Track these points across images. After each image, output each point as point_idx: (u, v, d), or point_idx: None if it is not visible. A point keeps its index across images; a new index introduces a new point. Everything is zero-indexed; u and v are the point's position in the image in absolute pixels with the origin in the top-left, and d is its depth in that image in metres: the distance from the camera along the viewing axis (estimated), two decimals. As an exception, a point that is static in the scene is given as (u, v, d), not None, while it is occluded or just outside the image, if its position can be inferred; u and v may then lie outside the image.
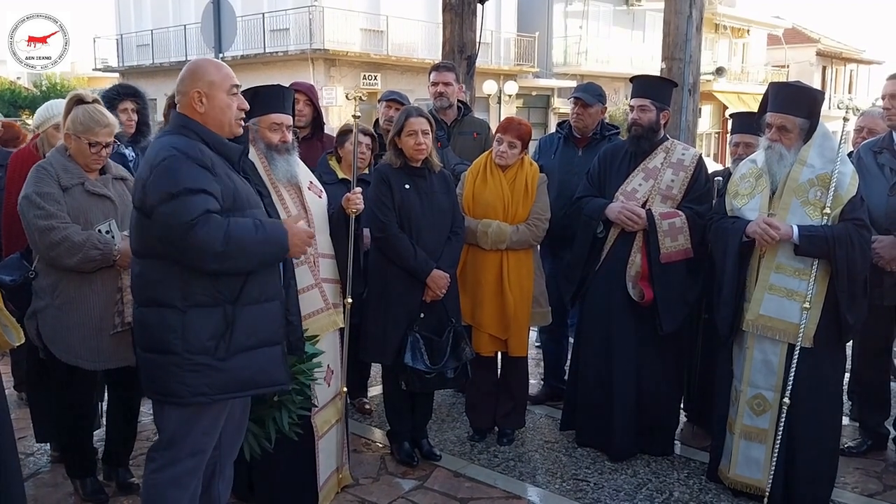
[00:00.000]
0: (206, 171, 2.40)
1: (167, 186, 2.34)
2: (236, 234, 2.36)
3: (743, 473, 3.49)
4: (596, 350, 4.01)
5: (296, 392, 2.96)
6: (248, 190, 2.59)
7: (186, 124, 2.51)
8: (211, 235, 2.32)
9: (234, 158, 2.58)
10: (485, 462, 3.97)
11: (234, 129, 2.59)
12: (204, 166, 2.41)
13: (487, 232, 3.91)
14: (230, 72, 2.60)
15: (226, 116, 2.55)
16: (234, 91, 2.57)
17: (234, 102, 2.57)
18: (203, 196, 2.36)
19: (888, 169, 3.83)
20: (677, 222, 3.81)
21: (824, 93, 3.85)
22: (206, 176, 2.39)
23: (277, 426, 2.94)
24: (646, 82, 4.09)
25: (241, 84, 2.68)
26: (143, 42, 24.92)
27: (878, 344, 4.05)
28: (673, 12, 8.14)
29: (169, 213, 2.33)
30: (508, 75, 24.08)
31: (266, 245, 2.46)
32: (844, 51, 38.20)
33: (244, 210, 2.49)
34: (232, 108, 2.56)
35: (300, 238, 2.60)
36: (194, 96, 2.51)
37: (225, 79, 2.55)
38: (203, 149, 2.46)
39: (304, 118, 4.51)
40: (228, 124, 2.56)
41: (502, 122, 4.07)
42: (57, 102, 3.80)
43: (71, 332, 3.10)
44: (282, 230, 2.53)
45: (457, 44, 7.85)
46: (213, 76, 2.53)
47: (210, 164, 2.43)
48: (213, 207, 2.37)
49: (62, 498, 3.49)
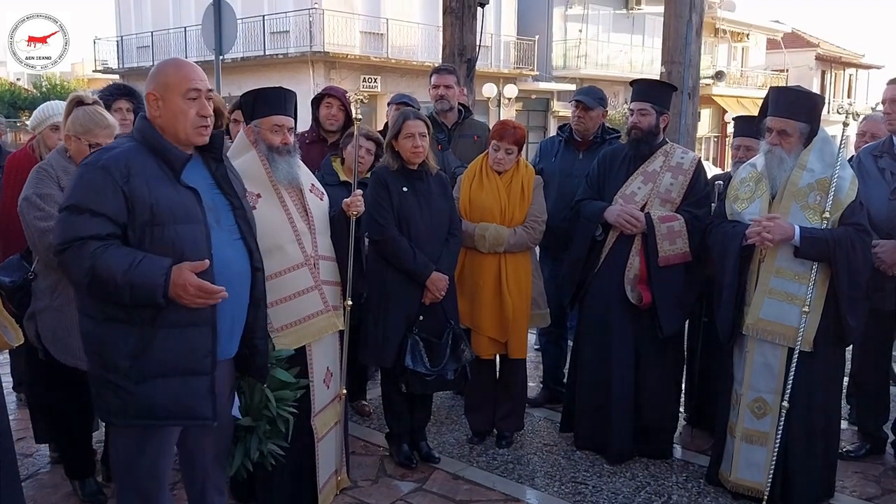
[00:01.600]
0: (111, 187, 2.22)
1: (64, 197, 2.31)
2: (100, 271, 2.16)
3: (744, 477, 3.49)
4: (594, 353, 4.01)
5: (266, 420, 2.90)
6: (182, 203, 2.31)
7: (141, 128, 2.37)
8: (75, 265, 2.19)
9: (176, 166, 2.33)
10: (483, 465, 3.97)
11: (191, 138, 2.36)
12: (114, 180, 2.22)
13: (485, 235, 3.91)
14: (193, 74, 2.36)
15: (179, 123, 2.33)
16: (193, 95, 2.33)
17: (190, 108, 2.33)
18: (85, 218, 2.20)
19: (889, 173, 3.84)
20: (676, 226, 3.81)
21: (824, 97, 3.86)
22: (104, 193, 2.21)
23: (245, 452, 2.89)
24: (646, 86, 4.10)
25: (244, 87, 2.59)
26: (143, 44, 24.91)
27: (878, 348, 4.05)
28: (673, 16, 8.16)
29: (54, 226, 2.32)
30: (508, 78, 24.09)
31: (130, 290, 2.18)
32: (844, 55, 38.26)
33: (166, 225, 2.26)
34: (187, 113, 2.33)
35: (183, 289, 2.19)
36: (149, 98, 2.35)
37: (182, 81, 2.33)
38: (139, 157, 2.29)
39: (336, 123, 4.54)
40: (184, 132, 2.34)
41: (496, 129, 4.01)
42: (54, 104, 3.80)
43: (70, 334, 3.09)
44: (155, 279, 2.18)
45: (457, 47, 7.86)
46: (169, 78, 2.34)
47: (125, 176, 2.23)
48: (94, 231, 2.20)
49: (61, 499, 3.49)
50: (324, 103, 4.57)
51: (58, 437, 3.65)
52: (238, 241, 2.50)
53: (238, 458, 2.89)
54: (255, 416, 2.91)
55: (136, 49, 25.38)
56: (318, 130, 4.63)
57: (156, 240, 2.26)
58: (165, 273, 2.18)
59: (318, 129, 4.62)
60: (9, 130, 24.31)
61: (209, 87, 2.42)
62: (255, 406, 2.92)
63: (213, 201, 2.44)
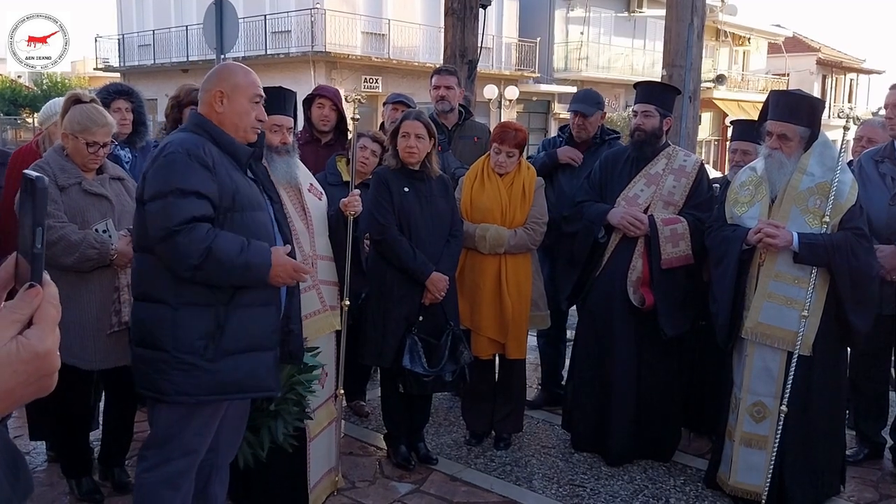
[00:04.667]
0: (204, 170, 2.39)
1: (160, 184, 2.37)
2: (217, 252, 2.33)
3: (743, 480, 3.49)
4: (596, 355, 4.01)
5: (292, 402, 2.94)
6: (253, 192, 2.58)
7: (200, 122, 2.54)
8: (191, 247, 2.31)
9: (242, 159, 2.58)
10: (481, 466, 3.96)
11: (247, 135, 2.59)
12: (204, 165, 2.39)
13: (485, 236, 3.91)
14: (257, 81, 2.61)
15: (242, 121, 2.55)
16: (257, 100, 2.58)
17: (253, 111, 2.57)
18: (193, 199, 2.35)
19: (889, 178, 3.84)
20: (679, 228, 3.81)
21: (824, 102, 3.86)
22: (202, 176, 2.38)
23: (272, 436, 2.92)
24: (650, 88, 4.10)
25: None
26: (144, 42, 24.91)
27: (876, 353, 4.05)
28: (674, 19, 8.15)
29: (156, 211, 2.36)
30: (509, 80, 24.08)
31: (245, 270, 2.40)
32: (845, 60, 38.26)
33: (244, 211, 2.48)
34: (250, 115, 2.56)
35: (284, 270, 2.48)
36: (216, 95, 2.53)
37: (250, 86, 2.57)
38: (209, 147, 2.45)
39: (328, 123, 4.52)
40: (243, 129, 2.57)
41: (497, 132, 3.99)
42: (61, 100, 3.80)
43: (67, 332, 3.07)
44: (266, 259, 2.44)
45: (458, 48, 7.86)
46: (239, 80, 2.56)
47: (211, 163, 2.41)
48: (203, 212, 2.36)
49: (57, 497, 3.47)
50: (315, 103, 4.55)
51: (54, 435, 3.64)
52: (278, 232, 2.70)
53: (265, 441, 2.92)
54: (279, 402, 2.92)
55: (138, 48, 25.38)
56: (310, 131, 4.61)
57: (235, 224, 2.45)
58: (269, 256, 2.42)
59: (311, 129, 4.60)
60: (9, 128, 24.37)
61: None
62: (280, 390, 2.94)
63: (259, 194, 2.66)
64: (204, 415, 2.53)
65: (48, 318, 0.83)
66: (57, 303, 0.85)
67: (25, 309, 0.82)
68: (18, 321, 0.81)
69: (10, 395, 0.80)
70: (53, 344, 0.84)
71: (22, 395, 0.82)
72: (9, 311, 0.81)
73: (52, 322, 0.84)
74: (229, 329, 2.43)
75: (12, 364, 0.79)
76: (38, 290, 0.83)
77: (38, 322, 0.82)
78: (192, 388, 2.42)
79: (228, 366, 2.45)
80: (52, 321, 0.84)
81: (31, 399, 0.84)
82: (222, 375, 2.44)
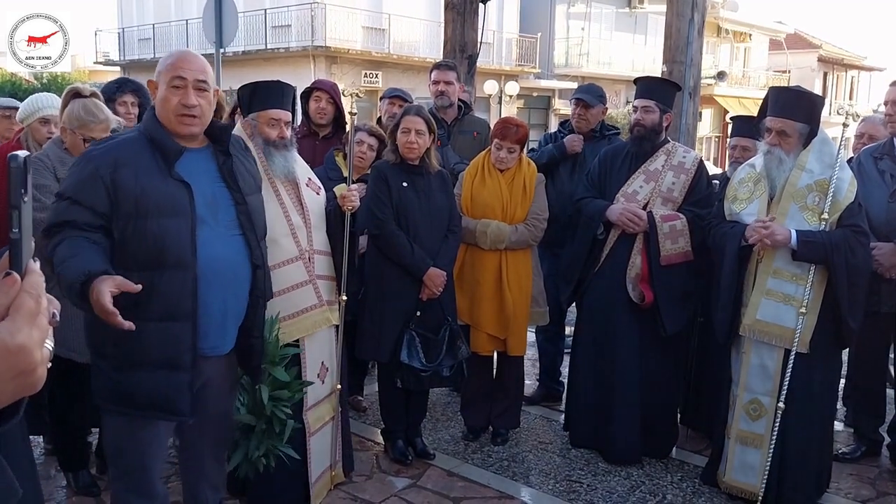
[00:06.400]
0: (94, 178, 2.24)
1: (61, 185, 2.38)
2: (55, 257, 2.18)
3: (738, 478, 3.49)
4: (596, 351, 4.01)
5: (265, 420, 2.90)
6: (171, 196, 2.30)
7: (147, 117, 2.42)
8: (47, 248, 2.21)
9: (169, 158, 2.32)
10: (478, 462, 3.97)
11: (174, 127, 2.35)
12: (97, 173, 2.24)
13: (486, 232, 3.90)
14: (182, 63, 2.35)
15: (163, 111, 2.35)
16: (177, 83, 2.33)
17: (173, 96, 2.32)
18: (66, 205, 2.24)
19: (888, 175, 3.83)
20: (678, 225, 3.80)
21: (824, 98, 3.85)
22: (86, 184, 2.24)
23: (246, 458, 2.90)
24: (651, 84, 4.09)
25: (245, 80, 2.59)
26: (144, 36, 24.86)
27: (875, 350, 4.05)
28: (675, 15, 8.12)
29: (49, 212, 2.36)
30: (510, 76, 24.05)
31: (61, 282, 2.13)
32: (846, 57, 38.20)
33: (149, 217, 2.26)
34: (170, 101, 2.33)
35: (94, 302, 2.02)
36: (150, 88, 2.46)
37: (168, 69, 2.35)
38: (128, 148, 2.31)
39: (325, 117, 4.51)
40: (167, 120, 2.35)
41: (498, 127, 3.98)
42: (42, 96, 3.78)
43: (64, 325, 3.06)
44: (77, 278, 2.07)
45: (458, 43, 7.83)
46: (162, 66, 2.38)
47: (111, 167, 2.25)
48: (72, 218, 2.22)
49: (55, 490, 3.48)
50: (313, 97, 4.54)
51: (53, 428, 3.64)
52: (236, 236, 2.45)
53: (237, 458, 2.88)
54: (257, 415, 2.90)
55: (138, 41, 25.33)
56: (308, 125, 4.61)
57: (138, 232, 2.26)
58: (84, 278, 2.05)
59: (309, 123, 4.60)
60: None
61: (202, 79, 2.37)
62: (257, 404, 2.91)
63: (214, 195, 2.41)
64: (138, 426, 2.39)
65: (22, 310, 0.76)
66: (38, 293, 0.78)
67: (1, 299, 0.76)
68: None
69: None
70: (28, 338, 0.76)
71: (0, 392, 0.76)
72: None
73: (28, 314, 0.76)
74: (134, 340, 2.19)
75: None
76: (14, 279, 0.77)
77: (11, 314, 0.76)
78: (104, 395, 2.36)
79: (134, 379, 2.31)
80: (27, 313, 0.76)
81: (15, 398, 0.79)
82: (129, 387, 2.31)
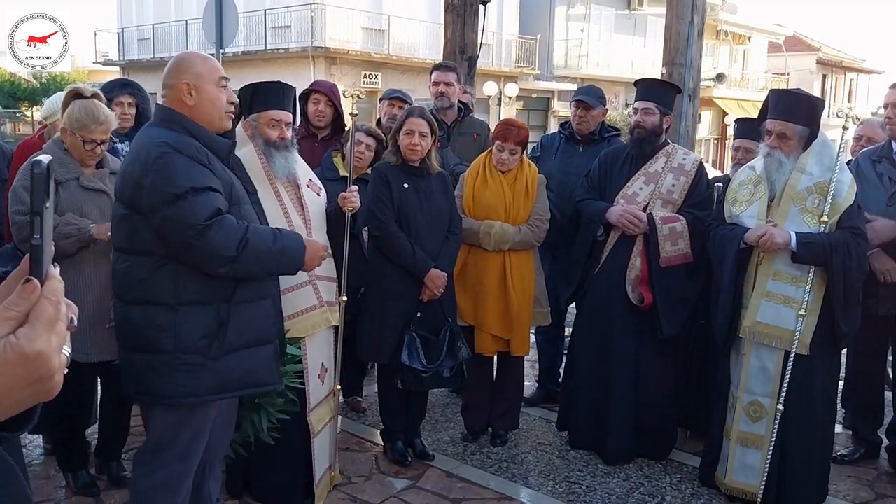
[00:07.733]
0: (203, 167, 2.36)
1: (170, 187, 2.26)
2: (253, 241, 2.33)
3: (738, 479, 3.49)
4: (594, 352, 4.01)
5: (276, 395, 2.92)
6: (238, 185, 2.54)
7: (172, 118, 2.44)
8: (226, 239, 2.28)
9: (223, 154, 2.50)
10: (478, 463, 3.97)
11: (223, 123, 2.52)
12: (199, 161, 2.35)
13: (490, 233, 3.91)
14: (217, 64, 2.55)
15: (215, 109, 2.48)
16: (223, 83, 2.51)
17: (223, 95, 2.50)
18: (209, 194, 2.31)
19: (887, 178, 3.84)
20: (678, 227, 3.81)
21: (824, 101, 3.86)
22: (206, 171, 2.35)
23: (256, 429, 2.90)
24: (651, 86, 4.10)
25: (245, 81, 2.65)
26: (144, 36, 24.85)
27: (873, 353, 4.06)
28: (674, 17, 8.13)
29: (175, 215, 2.27)
30: (509, 77, 24.06)
31: (281, 257, 2.43)
32: (845, 59, 38.25)
33: (240, 204, 2.47)
34: (221, 100, 2.49)
35: (318, 254, 2.56)
36: (183, 88, 2.44)
37: (212, 70, 2.49)
38: (194, 143, 2.39)
39: (324, 118, 4.50)
40: (218, 117, 2.50)
41: (500, 129, 3.99)
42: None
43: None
44: (300, 244, 2.50)
45: (458, 44, 7.84)
46: (199, 68, 2.47)
47: (206, 159, 2.37)
48: (222, 205, 2.33)
49: (54, 490, 3.48)
50: (311, 99, 4.52)
51: (53, 428, 3.63)
52: None
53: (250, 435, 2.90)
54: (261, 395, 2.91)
55: (137, 41, 25.32)
56: (307, 126, 4.60)
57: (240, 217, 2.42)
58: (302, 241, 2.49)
59: (307, 125, 4.60)
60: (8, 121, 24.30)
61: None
62: None
63: None
64: (201, 416, 2.49)
65: (42, 317, 0.76)
66: (57, 299, 0.78)
67: (21, 305, 0.75)
68: (12, 319, 0.74)
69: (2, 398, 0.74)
70: (46, 345, 0.76)
71: (17, 399, 0.76)
72: (3, 309, 0.75)
73: (47, 321, 0.76)
74: (232, 326, 2.40)
75: None
76: (35, 285, 0.76)
77: (30, 321, 0.75)
78: (197, 388, 2.39)
79: (232, 363, 2.43)
80: (46, 320, 0.76)
81: (31, 404, 0.79)
82: (226, 373, 2.42)
